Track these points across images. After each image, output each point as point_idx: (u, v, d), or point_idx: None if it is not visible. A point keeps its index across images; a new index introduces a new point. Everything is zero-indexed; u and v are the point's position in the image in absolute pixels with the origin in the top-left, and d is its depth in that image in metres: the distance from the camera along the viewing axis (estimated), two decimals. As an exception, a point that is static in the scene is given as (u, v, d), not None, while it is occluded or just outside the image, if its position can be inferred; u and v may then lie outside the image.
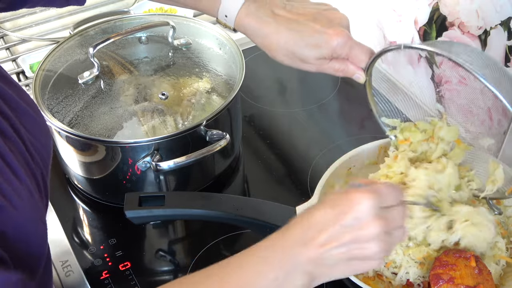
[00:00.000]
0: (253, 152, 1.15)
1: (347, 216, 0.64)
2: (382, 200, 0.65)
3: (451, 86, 1.03)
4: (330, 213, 0.64)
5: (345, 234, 0.64)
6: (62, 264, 0.95)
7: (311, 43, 0.82)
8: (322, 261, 0.64)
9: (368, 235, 0.64)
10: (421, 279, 0.87)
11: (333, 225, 0.64)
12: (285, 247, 0.65)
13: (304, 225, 0.65)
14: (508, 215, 0.95)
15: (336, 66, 0.84)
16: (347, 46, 0.82)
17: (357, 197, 0.64)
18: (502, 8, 0.97)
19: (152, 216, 0.90)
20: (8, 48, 1.36)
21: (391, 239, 0.66)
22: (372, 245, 0.64)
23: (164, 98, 1.01)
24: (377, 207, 0.64)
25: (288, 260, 0.64)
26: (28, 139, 0.66)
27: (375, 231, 0.64)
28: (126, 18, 1.15)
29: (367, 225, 0.64)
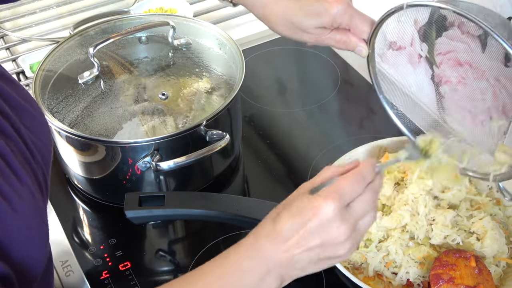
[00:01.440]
0: (253, 152, 1.15)
1: (312, 223, 0.64)
2: (344, 199, 0.65)
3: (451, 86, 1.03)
4: (294, 220, 0.65)
5: (313, 240, 0.64)
6: (62, 264, 0.95)
7: (311, 11, 0.80)
8: (292, 265, 0.66)
9: (336, 239, 0.65)
10: (421, 279, 0.87)
11: (299, 232, 0.64)
12: (256, 256, 0.66)
13: (272, 232, 0.66)
14: (508, 215, 0.95)
15: (337, 37, 0.82)
16: (347, 15, 0.80)
17: (321, 204, 0.64)
18: (502, 8, 0.97)
19: (152, 216, 0.90)
20: (8, 48, 1.36)
21: (359, 232, 0.67)
22: (342, 246, 0.65)
23: (164, 98, 1.01)
24: (341, 208, 0.64)
25: (260, 268, 0.65)
26: (29, 137, 0.65)
27: (343, 236, 0.65)
28: (126, 18, 1.15)
29: (334, 230, 0.64)
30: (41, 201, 0.65)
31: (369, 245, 0.90)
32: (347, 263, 0.90)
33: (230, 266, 0.66)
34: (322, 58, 1.34)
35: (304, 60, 1.37)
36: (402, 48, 1.18)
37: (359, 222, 0.66)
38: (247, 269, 0.65)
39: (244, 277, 0.65)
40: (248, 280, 0.65)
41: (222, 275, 0.66)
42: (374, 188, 0.68)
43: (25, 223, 0.60)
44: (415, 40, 1.13)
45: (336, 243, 0.65)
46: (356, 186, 0.66)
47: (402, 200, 0.91)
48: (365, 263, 0.89)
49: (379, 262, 0.88)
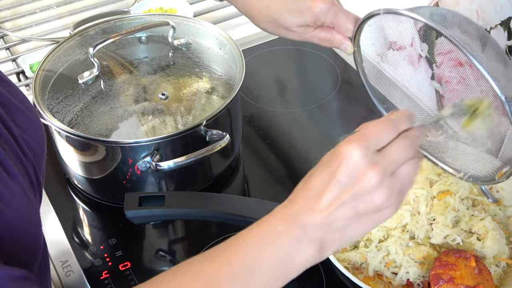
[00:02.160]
0: (253, 152, 1.15)
1: (340, 172, 0.60)
2: (372, 143, 0.61)
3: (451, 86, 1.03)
4: (323, 174, 0.61)
5: (344, 192, 0.60)
6: (62, 264, 0.95)
7: (294, 9, 0.79)
8: (329, 226, 0.61)
9: (368, 186, 0.60)
10: (421, 279, 0.87)
11: (329, 185, 0.60)
12: (288, 218, 0.61)
13: (302, 193, 0.62)
14: (508, 215, 0.95)
15: (322, 35, 0.81)
16: (331, 13, 0.79)
17: (345, 150, 0.60)
18: (502, 8, 0.98)
19: (152, 216, 0.90)
20: (8, 48, 1.36)
21: (397, 180, 0.61)
22: (376, 194, 0.60)
23: (164, 98, 1.01)
24: (369, 153, 0.60)
25: (293, 230, 0.61)
26: (20, 135, 0.65)
27: (374, 179, 0.59)
28: (126, 18, 1.15)
29: (363, 176, 0.59)
30: (33, 197, 0.65)
31: (369, 245, 0.90)
32: (347, 263, 0.90)
33: (264, 231, 0.62)
34: (322, 58, 1.34)
35: (304, 60, 1.37)
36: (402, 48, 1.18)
37: (397, 170, 0.61)
38: (281, 233, 0.61)
39: (278, 241, 0.61)
40: (283, 245, 0.61)
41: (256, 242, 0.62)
42: (410, 136, 0.62)
43: (17, 219, 0.60)
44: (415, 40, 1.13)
45: (368, 190, 0.59)
46: (386, 131, 0.62)
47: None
48: (365, 263, 0.89)
49: (379, 262, 0.88)
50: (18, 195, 0.61)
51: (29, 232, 0.63)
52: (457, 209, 0.90)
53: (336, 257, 0.87)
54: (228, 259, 0.61)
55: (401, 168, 0.61)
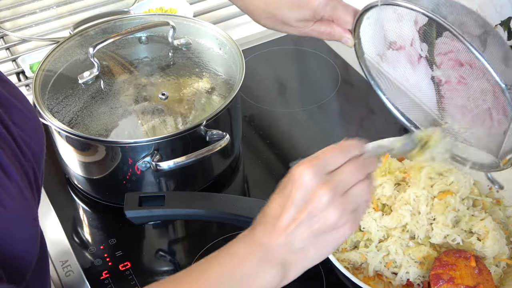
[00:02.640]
0: (253, 152, 1.15)
1: (294, 194, 0.63)
2: (323, 165, 0.64)
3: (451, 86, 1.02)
4: (280, 198, 0.64)
5: (300, 212, 0.62)
6: (62, 264, 0.95)
7: (292, 4, 0.79)
8: (289, 246, 0.63)
9: (320, 204, 0.62)
10: (421, 279, 0.87)
11: (285, 207, 0.63)
12: (250, 241, 0.64)
13: (262, 219, 0.65)
14: (508, 215, 0.95)
15: (321, 28, 0.81)
16: (330, 6, 0.79)
17: (297, 172, 0.63)
18: (502, 8, 0.97)
19: (152, 216, 0.90)
20: (8, 48, 1.36)
21: (349, 199, 0.63)
22: (329, 212, 0.62)
23: (164, 98, 1.01)
24: (320, 174, 0.63)
25: (255, 253, 0.64)
26: (19, 135, 0.65)
27: (325, 197, 0.62)
28: (126, 18, 1.15)
29: (315, 195, 0.62)
30: (31, 197, 0.65)
31: (369, 245, 0.90)
32: (347, 263, 0.90)
33: (226, 254, 0.65)
34: (322, 58, 1.34)
35: (304, 60, 1.37)
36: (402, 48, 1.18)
37: (349, 190, 0.64)
38: (243, 255, 0.64)
39: (241, 265, 0.64)
40: (245, 268, 0.63)
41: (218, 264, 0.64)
42: (359, 160, 0.65)
43: (13, 218, 0.60)
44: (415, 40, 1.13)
45: (321, 208, 0.62)
46: (336, 155, 0.65)
47: (403, 200, 0.91)
48: (365, 263, 0.89)
49: (379, 262, 0.88)
50: (15, 196, 0.61)
51: (26, 233, 0.63)
52: (457, 209, 0.90)
53: (336, 257, 0.87)
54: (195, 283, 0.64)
55: (353, 188, 0.64)
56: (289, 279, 0.65)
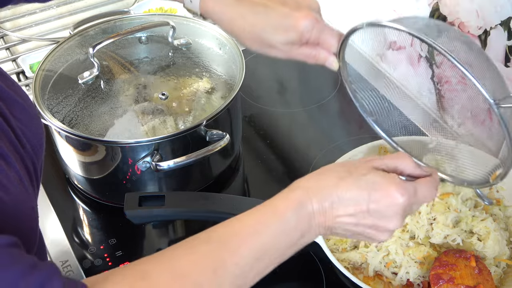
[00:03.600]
0: (253, 152, 1.15)
1: (378, 205, 0.66)
2: (416, 202, 0.69)
3: (451, 86, 1.03)
4: (362, 194, 0.66)
5: (367, 219, 0.67)
6: (62, 264, 0.95)
7: (278, 27, 0.79)
8: (334, 228, 0.68)
9: (386, 228, 0.68)
10: (421, 279, 0.87)
11: (360, 207, 0.66)
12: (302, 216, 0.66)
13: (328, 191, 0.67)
14: (508, 215, 0.95)
15: (307, 52, 0.81)
16: (315, 30, 0.79)
17: (395, 194, 0.66)
18: (502, 8, 0.97)
19: (152, 216, 0.90)
20: (8, 48, 1.36)
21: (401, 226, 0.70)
22: (383, 235, 0.69)
23: (164, 98, 1.01)
24: (407, 207, 0.68)
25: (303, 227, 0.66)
26: (18, 127, 0.66)
27: (394, 227, 0.68)
28: (126, 18, 1.15)
29: (390, 221, 0.67)
30: (29, 187, 0.65)
31: (369, 245, 0.90)
32: (347, 263, 0.90)
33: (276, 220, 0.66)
34: (322, 58, 1.34)
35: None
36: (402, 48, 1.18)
37: None
38: (292, 225, 0.66)
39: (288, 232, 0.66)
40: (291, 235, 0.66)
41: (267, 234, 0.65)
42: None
43: (12, 206, 0.60)
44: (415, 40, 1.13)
45: (384, 231, 0.68)
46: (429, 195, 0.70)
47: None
48: (365, 263, 0.89)
49: (379, 262, 0.88)
50: (15, 183, 0.61)
51: (24, 222, 0.63)
52: (459, 210, 0.90)
53: (336, 257, 0.87)
54: (238, 248, 0.64)
55: None
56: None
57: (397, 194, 0.66)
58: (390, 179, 0.67)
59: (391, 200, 0.66)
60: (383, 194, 0.66)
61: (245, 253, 0.64)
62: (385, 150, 1.01)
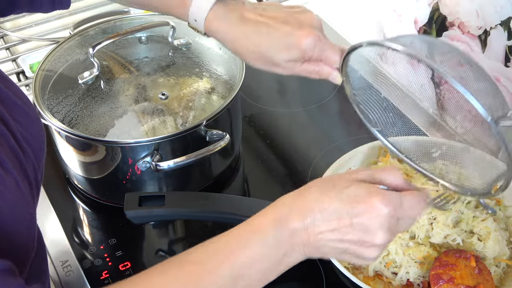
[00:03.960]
0: (253, 152, 1.15)
1: (361, 218, 0.63)
2: (402, 213, 0.65)
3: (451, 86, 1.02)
4: (344, 208, 0.64)
5: (351, 234, 0.64)
6: (62, 264, 0.95)
7: (281, 45, 0.80)
8: (318, 247, 0.65)
9: (372, 243, 0.64)
10: (421, 279, 0.87)
11: (343, 221, 0.64)
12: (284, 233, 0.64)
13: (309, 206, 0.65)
14: (508, 215, 0.95)
15: (310, 68, 0.83)
16: (318, 48, 0.80)
17: (378, 205, 0.63)
18: (502, 8, 0.97)
19: (152, 216, 0.90)
20: (8, 48, 1.36)
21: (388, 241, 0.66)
22: (371, 251, 0.65)
23: (164, 98, 1.01)
24: (394, 218, 0.64)
25: (284, 247, 0.64)
26: (19, 131, 0.65)
27: (381, 242, 0.64)
28: (126, 18, 1.15)
29: (375, 234, 0.64)
30: (28, 193, 0.64)
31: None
32: (347, 263, 0.90)
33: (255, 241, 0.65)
34: (322, 58, 1.34)
35: (304, 60, 1.37)
36: (402, 48, 1.18)
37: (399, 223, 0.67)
38: (273, 244, 0.64)
39: (268, 251, 0.64)
40: (272, 255, 0.64)
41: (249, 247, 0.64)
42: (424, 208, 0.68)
43: (8, 213, 0.60)
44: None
45: (370, 246, 0.65)
46: (416, 208, 0.66)
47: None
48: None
49: (379, 262, 0.88)
50: (12, 189, 0.60)
51: (22, 229, 0.62)
52: (460, 211, 0.90)
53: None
54: (216, 267, 0.64)
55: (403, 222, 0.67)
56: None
57: (380, 205, 0.63)
58: (373, 190, 0.65)
59: (374, 212, 0.63)
60: (366, 206, 0.64)
61: (223, 273, 0.63)
62: (385, 150, 1.01)
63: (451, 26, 1.08)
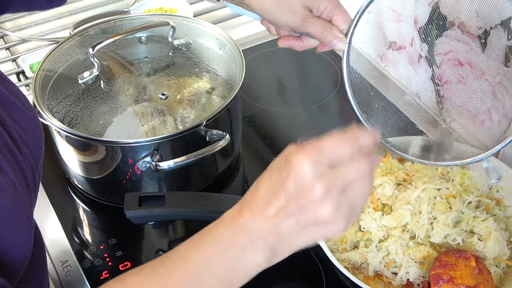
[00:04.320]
0: (253, 152, 1.15)
1: (288, 182, 0.59)
2: (325, 157, 0.60)
3: (451, 86, 1.03)
4: (272, 182, 0.61)
5: (291, 203, 0.59)
6: (62, 264, 0.95)
7: None
8: (276, 234, 0.61)
9: (313, 198, 0.59)
10: (421, 279, 0.87)
11: (276, 194, 0.60)
12: (235, 226, 0.61)
13: (250, 200, 0.62)
14: (508, 215, 0.95)
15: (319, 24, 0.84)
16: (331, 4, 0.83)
17: (296, 160, 0.59)
18: (502, 8, 0.97)
19: (152, 216, 0.90)
20: (8, 48, 1.36)
21: (346, 197, 0.60)
22: (321, 208, 0.59)
23: (164, 98, 1.01)
24: (319, 166, 0.59)
25: (239, 238, 0.61)
26: (16, 131, 0.65)
27: (320, 192, 0.59)
28: (126, 18, 1.15)
29: (310, 188, 0.59)
30: (25, 193, 0.64)
31: (369, 245, 0.90)
32: (347, 263, 0.90)
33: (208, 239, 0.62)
34: (322, 58, 1.34)
35: (304, 60, 1.37)
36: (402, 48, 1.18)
37: (347, 188, 0.60)
38: (226, 239, 0.61)
39: (225, 249, 0.61)
40: (229, 253, 0.61)
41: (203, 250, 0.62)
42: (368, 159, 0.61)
43: (4, 212, 0.59)
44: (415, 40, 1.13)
45: (313, 202, 0.59)
46: (342, 147, 0.61)
47: (404, 199, 0.91)
48: (365, 263, 0.89)
49: (379, 262, 0.88)
50: (7, 190, 0.60)
51: (19, 230, 0.62)
52: (462, 211, 0.90)
53: (336, 257, 0.87)
54: (175, 270, 0.62)
55: (352, 186, 0.61)
56: (276, 261, 0.63)
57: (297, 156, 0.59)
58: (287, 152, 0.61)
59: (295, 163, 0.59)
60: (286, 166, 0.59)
61: (178, 278, 0.61)
62: (385, 150, 1.01)
63: (451, 26, 1.08)
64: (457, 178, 0.92)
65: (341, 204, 0.60)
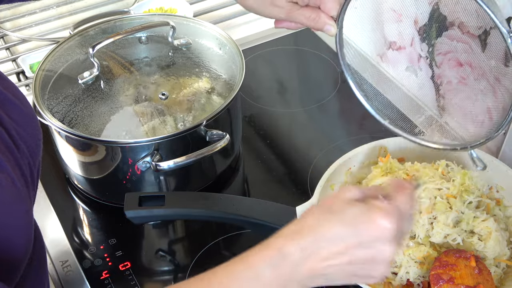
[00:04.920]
0: (253, 152, 1.15)
1: (368, 237, 0.62)
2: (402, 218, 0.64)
3: (451, 86, 1.02)
4: (348, 230, 0.62)
5: (360, 254, 0.62)
6: (62, 264, 0.95)
7: None
8: (321, 274, 0.62)
9: (382, 258, 0.62)
10: (421, 279, 0.87)
11: (350, 242, 0.61)
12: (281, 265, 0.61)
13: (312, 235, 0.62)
14: (508, 215, 0.95)
15: (307, 13, 0.82)
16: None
17: (380, 219, 0.62)
18: (502, 8, 0.97)
19: (152, 216, 0.90)
20: (8, 48, 1.36)
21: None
22: (381, 267, 0.63)
23: (164, 98, 1.01)
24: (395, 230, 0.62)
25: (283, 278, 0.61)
26: (14, 128, 0.65)
27: (389, 255, 0.63)
28: (126, 18, 1.15)
29: (383, 249, 0.62)
30: (24, 190, 0.64)
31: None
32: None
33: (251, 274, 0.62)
34: (322, 58, 1.34)
35: (304, 60, 1.37)
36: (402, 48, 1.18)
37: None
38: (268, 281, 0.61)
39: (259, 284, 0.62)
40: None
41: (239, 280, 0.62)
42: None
43: (4, 209, 0.59)
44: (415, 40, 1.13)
45: (379, 262, 0.63)
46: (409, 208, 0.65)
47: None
48: (365, 263, 0.89)
49: (379, 262, 0.88)
50: (5, 186, 0.60)
51: (18, 225, 0.62)
52: (462, 211, 0.90)
53: (336, 257, 0.87)
54: None
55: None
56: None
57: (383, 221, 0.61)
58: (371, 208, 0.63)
59: (380, 229, 0.61)
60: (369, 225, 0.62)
61: None
62: (385, 150, 1.01)
63: (451, 26, 1.08)
64: (458, 178, 0.92)
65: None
